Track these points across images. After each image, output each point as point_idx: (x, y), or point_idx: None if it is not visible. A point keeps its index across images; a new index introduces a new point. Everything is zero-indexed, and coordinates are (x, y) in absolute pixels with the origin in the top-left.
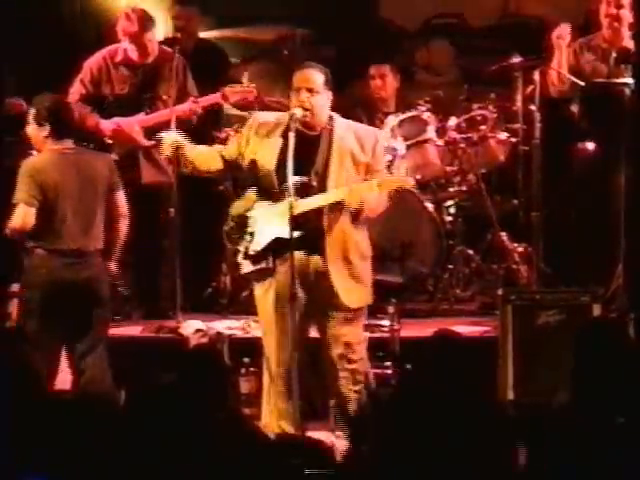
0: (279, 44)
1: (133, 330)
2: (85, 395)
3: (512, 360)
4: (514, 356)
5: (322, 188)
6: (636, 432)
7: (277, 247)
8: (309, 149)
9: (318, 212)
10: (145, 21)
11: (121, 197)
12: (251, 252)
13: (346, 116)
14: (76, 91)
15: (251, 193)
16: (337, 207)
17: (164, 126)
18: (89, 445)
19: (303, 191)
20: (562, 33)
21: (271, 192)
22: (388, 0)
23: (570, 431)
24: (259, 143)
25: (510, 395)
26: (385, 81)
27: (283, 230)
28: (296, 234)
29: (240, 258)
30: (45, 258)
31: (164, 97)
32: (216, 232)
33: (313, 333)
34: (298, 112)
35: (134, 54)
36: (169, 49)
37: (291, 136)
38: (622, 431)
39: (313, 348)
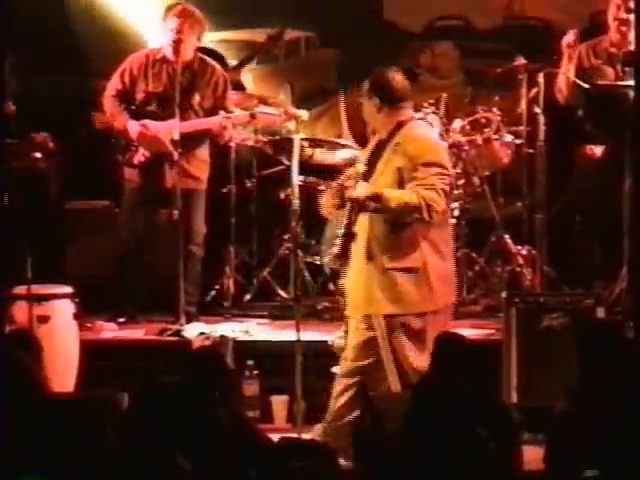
0: (269, 44)
1: (136, 333)
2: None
3: (516, 363)
4: (518, 359)
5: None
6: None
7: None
8: (375, 156)
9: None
10: (190, 18)
11: None
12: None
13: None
14: (113, 86)
15: None
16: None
17: (192, 136)
18: (89, 445)
19: None
20: (571, 41)
21: None
22: (392, 2)
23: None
24: None
25: (514, 398)
26: None
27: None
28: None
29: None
30: None
31: (196, 107)
32: (219, 234)
33: None
34: None
35: (169, 50)
36: (212, 61)
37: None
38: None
39: None
